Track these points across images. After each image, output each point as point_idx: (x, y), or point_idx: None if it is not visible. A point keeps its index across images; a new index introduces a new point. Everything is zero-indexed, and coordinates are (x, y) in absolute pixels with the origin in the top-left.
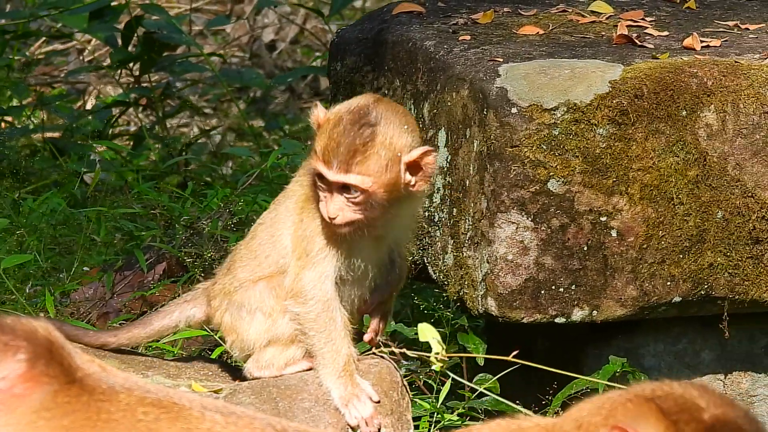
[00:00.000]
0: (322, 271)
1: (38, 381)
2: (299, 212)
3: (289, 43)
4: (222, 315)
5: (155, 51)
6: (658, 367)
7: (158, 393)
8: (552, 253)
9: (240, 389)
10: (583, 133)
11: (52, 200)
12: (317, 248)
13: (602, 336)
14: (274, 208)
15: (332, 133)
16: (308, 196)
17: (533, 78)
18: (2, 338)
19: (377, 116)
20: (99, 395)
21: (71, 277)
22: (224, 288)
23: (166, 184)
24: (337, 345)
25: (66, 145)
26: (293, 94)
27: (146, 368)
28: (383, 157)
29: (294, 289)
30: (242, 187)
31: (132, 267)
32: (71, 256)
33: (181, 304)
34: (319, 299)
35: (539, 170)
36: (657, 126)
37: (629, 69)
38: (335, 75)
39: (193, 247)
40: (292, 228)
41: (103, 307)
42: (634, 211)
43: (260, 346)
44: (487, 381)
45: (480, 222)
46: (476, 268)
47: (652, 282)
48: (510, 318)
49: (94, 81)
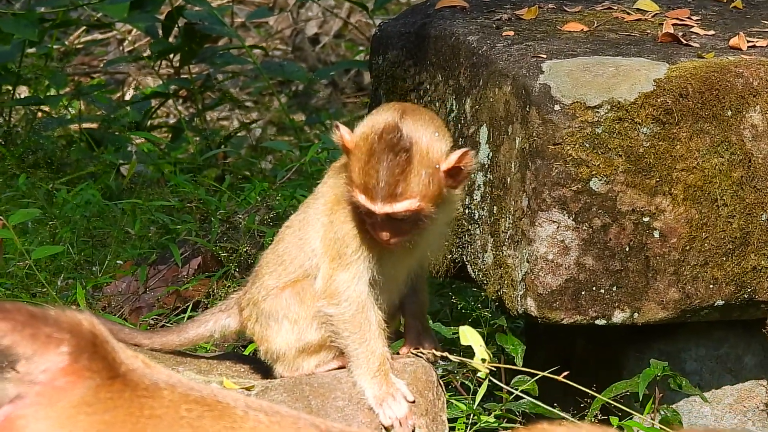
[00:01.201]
0: (356, 272)
1: (80, 375)
2: (329, 214)
3: (333, 36)
4: (253, 325)
5: (196, 42)
6: (699, 371)
7: (202, 391)
8: (593, 254)
9: (272, 386)
10: (626, 131)
11: (87, 192)
12: (351, 250)
13: (643, 339)
14: (302, 211)
15: (368, 168)
16: (338, 198)
17: (577, 75)
18: (45, 330)
19: (409, 135)
20: (142, 391)
21: (104, 270)
22: (253, 297)
23: (203, 177)
24: (371, 345)
25: (103, 137)
26: (336, 89)
27: (177, 363)
28: (424, 175)
29: (327, 291)
30: (281, 181)
31: (166, 261)
32: (105, 249)
33: (216, 313)
34: (353, 300)
35: (581, 169)
36: (701, 126)
37: (674, 68)
38: (377, 69)
39: (229, 241)
40: (321, 231)
41: (136, 302)
42: (677, 212)
43: (290, 355)
44: (525, 383)
45: (521, 220)
46: (516, 267)
47: (695, 284)
48: (549, 319)
49: (134, 72)
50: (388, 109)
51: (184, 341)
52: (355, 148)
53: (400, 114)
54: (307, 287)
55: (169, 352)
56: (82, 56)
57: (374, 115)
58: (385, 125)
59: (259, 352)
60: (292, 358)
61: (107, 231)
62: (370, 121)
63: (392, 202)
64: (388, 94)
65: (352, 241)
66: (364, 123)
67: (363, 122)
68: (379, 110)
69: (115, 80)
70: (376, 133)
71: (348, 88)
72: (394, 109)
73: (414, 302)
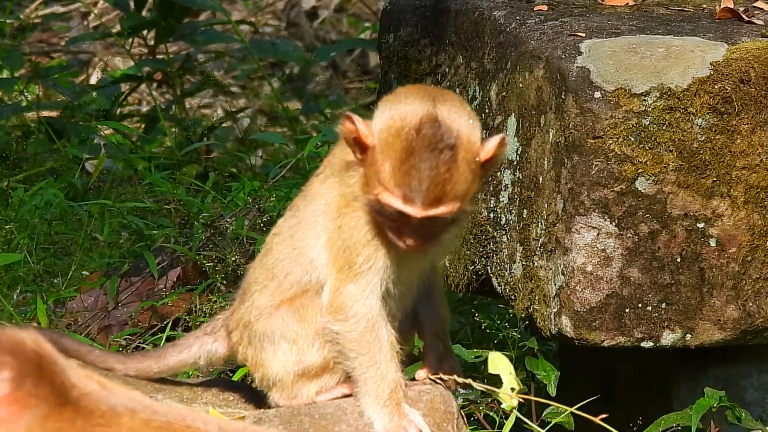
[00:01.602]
0: (367, 285)
1: (25, 403)
2: (335, 218)
3: (333, 11)
4: (245, 349)
5: (174, 17)
6: (761, 402)
7: (168, 415)
8: (639, 265)
9: (266, 417)
10: (678, 123)
11: (48, 191)
12: (362, 259)
13: (696, 364)
14: (292, 215)
15: (407, 168)
16: (347, 200)
17: (621, 57)
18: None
19: (450, 128)
20: (97, 419)
21: (68, 282)
22: (243, 318)
23: (183, 174)
24: (382, 369)
25: (65, 127)
26: (337, 72)
27: (155, 391)
28: (467, 172)
29: (333, 305)
30: (274, 179)
31: (140, 272)
32: (68, 258)
33: (201, 336)
34: (362, 316)
35: (626, 166)
36: (766, 117)
37: (734, 49)
38: (387, 49)
39: (214, 249)
40: (324, 237)
41: (105, 319)
42: (737, 216)
43: (288, 380)
44: (558, 415)
45: (555, 226)
46: (549, 280)
47: (757, 301)
48: (588, 340)
49: (101, 51)
50: (413, 95)
51: (164, 368)
52: (382, 144)
53: (433, 102)
54: (307, 304)
55: (146, 379)
56: (39, 32)
57: (398, 104)
58: (422, 117)
59: (254, 380)
60: (290, 383)
61: (71, 237)
62: (395, 111)
63: (437, 206)
64: (400, 78)
65: (364, 249)
66: (387, 113)
67: (383, 112)
68: (401, 97)
69: (79, 61)
70: (411, 126)
71: (351, 71)
72: (422, 95)
73: (433, 319)
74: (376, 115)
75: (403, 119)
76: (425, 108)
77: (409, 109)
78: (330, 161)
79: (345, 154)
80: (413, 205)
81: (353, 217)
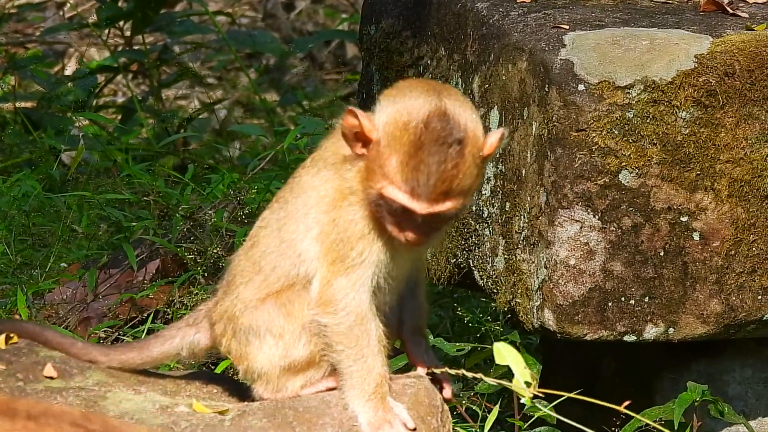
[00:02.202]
0: (358, 279)
1: None
2: (329, 211)
3: (310, 2)
4: (228, 342)
5: (151, 7)
6: (744, 396)
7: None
8: (622, 259)
9: (250, 411)
10: (662, 116)
11: (25, 182)
12: (355, 253)
13: (679, 358)
14: (280, 208)
15: (415, 162)
16: (343, 194)
17: (605, 50)
18: None
19: (459, 123)
20: None
21: (46, 274)
22: (227, 311)
23: (161, 166)
24: (368, 363)
25: (42, 118)
26: (314, 63)
27: (139, 383)
28: (473, 167)
29: (323, 298)
30: (253, 172)
31: (119, 264)
32: (47, 250)
33: (182, 328)
34: (352, 310)
35: (609, 159)
36: (750, 110)
37: (719, 42)
38: (368, 41)
39: (194, 241)
40: (315, 230)
41: (84, 311)
42: (720, 210)
43: (273, 374)
44: (539, 409)
45: (537, 219)
46: (532, 274)
47: (741, 295)
48: (570, 334)
49: (76, 42)
50: (417, 88)
51: (147, 360)
52: (388, 138)
53: (438, 95)
54: (294, 298)
55: (129, 371)
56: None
57: (403, 98)
58: (430, 111)
59: (238, 372)
60: (275, 377)
61: (49, 228)
62: (401, 105)
63: (443, 202)
64: (381, 69)
65: (359, 243)
66: (393, 107)
67: (387, 106)
68: (404, 90)
69: (54, 51)
70: (419, 120)
71: (328, 63)
72: (426, 88)
73: (416, 315)
74: (379, 109)
75: (410, 113)
76: (432, 102)
77: (415, 103)
78: (321, 154)
79: (339, 147)
80: (419, 200)
81: (349, 210)
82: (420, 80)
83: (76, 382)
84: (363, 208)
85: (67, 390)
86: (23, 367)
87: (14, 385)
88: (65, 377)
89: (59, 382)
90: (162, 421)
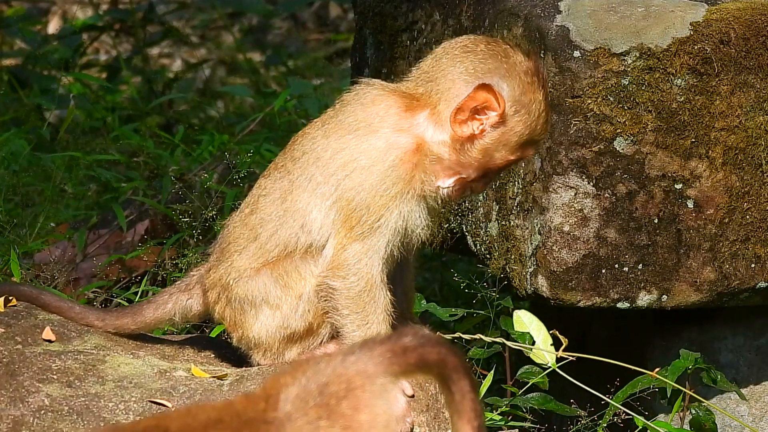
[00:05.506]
0: (373, 245)
1: None
2: (353, 176)
3: None
4: (222, 309)
5: None
6: (736, 364)
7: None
8: (616, 225)
9: (249, 375)
10: (657, 83)
11: (13, 141)
12: (374, 218)
13: (672, 326)
14: (282, 177)
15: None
16: (392, 160)
17: (601, 16)
18: None
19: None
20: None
21: (35, 234)
22: (221, 279)
23: (146, 126)
24: (371, 330)
25: (28, 76)
26: (296, 23)
27: (137, 348)
28: None
29: (336, 261)
30: (242, 133)
31: (108, 224)
32: (35, 209)
33: (175, 293)
34: (363, 275)
35: (604, 126)
36: (745, 78)
37: (715, 9)
38: (362, 4)
39: (184, 203)
40: (334, 196)
41: (73, 272)
42: (715, 178)
43: (272, 343)
44: (534, 375)
45: (532, 185)
46: (525, 240)
47: (734, 263)
48: (564, 301)
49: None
50: (498, 48)
51: (141, 325)
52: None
53: (512, 48)
54: (290, 269)
55: (126, 335)
56: None
57: (500, 62)
58: (528, 67)
59: (231, 339)
60: (273, 345)
61: (38, 188)
62: (505, 71)
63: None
64: (375, 34)
65: (380, 210)
66: (502, 76)
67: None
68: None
69: (38, 9)
70: (538, 78)
71: (311, 23)
72: (500, 45)
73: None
74: (487, 79)
75: (520, 78)
76: (521, 56)
77: (516, 61)
78: (342, 119)
79: (372, 113)
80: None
81: (391, 176)
82: (477, 36)
83: (75, 346)
84: (404, 179)
85: (65, 353)
86: (22, 330)
87: (13, 347)
88: (64, 341)
89: (58, 346)
90: (161, 385)
